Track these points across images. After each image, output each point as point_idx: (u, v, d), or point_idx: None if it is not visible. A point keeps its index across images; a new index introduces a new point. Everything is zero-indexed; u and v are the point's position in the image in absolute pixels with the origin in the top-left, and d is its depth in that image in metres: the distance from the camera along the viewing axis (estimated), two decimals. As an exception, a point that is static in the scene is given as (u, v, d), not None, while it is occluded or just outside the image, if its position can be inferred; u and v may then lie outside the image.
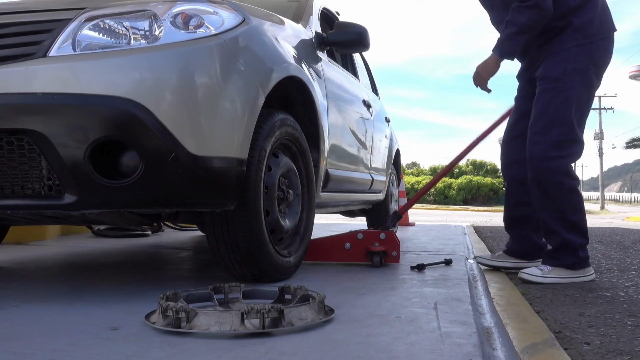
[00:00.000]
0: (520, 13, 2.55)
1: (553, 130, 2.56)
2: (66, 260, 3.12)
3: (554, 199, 2.61)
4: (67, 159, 1.74)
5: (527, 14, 2.54)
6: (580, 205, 2.67)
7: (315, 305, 1.62)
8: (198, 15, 2.00)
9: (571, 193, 2.61)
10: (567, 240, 2.62)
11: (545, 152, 2.56)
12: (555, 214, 2.63)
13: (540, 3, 2.52)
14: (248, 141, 2.07)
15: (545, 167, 2.57)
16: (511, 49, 2.67)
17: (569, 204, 2.62)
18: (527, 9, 2.53)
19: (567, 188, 2.60)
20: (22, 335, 1.46)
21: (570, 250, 2.64)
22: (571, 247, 2.63)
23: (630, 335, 1.70)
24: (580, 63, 2.58)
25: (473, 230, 6.83)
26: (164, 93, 1.82)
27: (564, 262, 2.64)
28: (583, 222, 2.69)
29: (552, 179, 2.58)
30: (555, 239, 2.66)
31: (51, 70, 1.78)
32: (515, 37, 2.61)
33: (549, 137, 2.57)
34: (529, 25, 2.57)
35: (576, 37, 2.57)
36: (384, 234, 2.96)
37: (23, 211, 1.91)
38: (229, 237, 2.15)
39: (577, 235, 2.64)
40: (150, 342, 1.40)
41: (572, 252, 2.64)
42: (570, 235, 2.62)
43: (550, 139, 2.56)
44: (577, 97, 2.60)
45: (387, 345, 1.38)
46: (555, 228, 2.63)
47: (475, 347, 1.37)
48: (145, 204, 1.87)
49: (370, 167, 4.23)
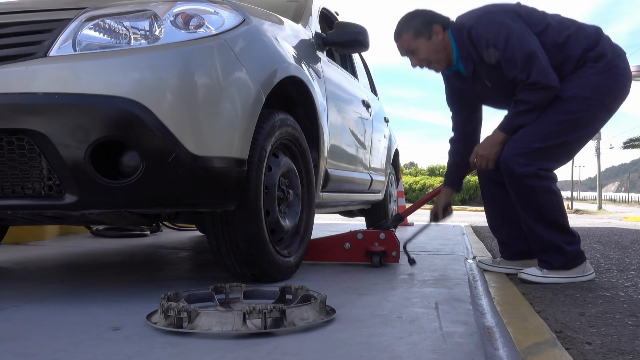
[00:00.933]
0: (530, 93, 2.52)
1: (532, 142, 2.53)
2: (65, 260, 3.12)
3: (529, 201, 2.58)
4: (68, 159, 1.74)
5: (537, 94, 2.51)
6: (558, 204, 2.63)
7: (316, 305, 1.62)
8: (198, 15, 2.00)
9: (544, 193, 2.56)
10: (549, 241, 2.59)
11: (514, 160, 2.53)
12: (533, 215, 2.60)
13: (548, 83, 2.48)
14: (248, 141, 2.07)
15: (513, 170, 2.54)
16: (519, 125, 2.62)
17: (544, 204, 2.58)
18: (536, 90, 2.50)
19: (540, 189, 2.55)
20: (24, 336, 1.46)
21: (555, 250, 2.60)
22: (556, 247, 2.59)
23: (631, 334, 1.70)
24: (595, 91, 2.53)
25: (471, 230, 6.83)
26: (164, 93, 1.82)
27: (555, 265, 2.62)
28: (563, 219, 2.64)
29: (524, 183, 2.55)
30: (538, 242, 2.63)
31: (52, 70, 1.77)
32: (526, 114, 2.57)
33: (524, 145, 2.54)
34: (541, 103, 2.54)
35: (596, 66, 2.53)
36: (384, 234, 2.96)
37: (23, 211, 1.91)
38: (230, 238, 2.15)
39: (559, 233, 2.60)
40: (152, 342, 1.40)
41: (559, 252, 2.60)
42: (552, 235, 2.59)
43: (526, 146, 2.53)
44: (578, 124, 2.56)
45: (389, 345, 1.38)
46: (536, 230, 2.61)
47: (477, 347, 1.37)
48: (145, 204, 1.87)
49: (370, 167, 4.23)
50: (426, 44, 2.65)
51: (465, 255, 3.63)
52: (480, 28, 2.54)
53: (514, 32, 2.49)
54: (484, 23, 2.55)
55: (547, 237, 2.59)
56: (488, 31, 2.53)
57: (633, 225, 11.55)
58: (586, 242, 5.68)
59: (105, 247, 3.79)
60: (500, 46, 2.49)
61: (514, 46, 2.48)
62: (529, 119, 2.58)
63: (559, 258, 2.61)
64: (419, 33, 2.65)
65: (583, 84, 2.53)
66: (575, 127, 2.58)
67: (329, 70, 3.20)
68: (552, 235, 2.59)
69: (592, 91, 2.53)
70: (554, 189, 2.61)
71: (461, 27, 2.61)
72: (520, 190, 2.58)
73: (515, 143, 2.57)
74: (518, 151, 2.54)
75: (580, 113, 2.55)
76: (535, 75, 2.47)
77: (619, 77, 2.59)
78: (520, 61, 2.47)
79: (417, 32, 2.65)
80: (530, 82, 2.48)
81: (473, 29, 2.55)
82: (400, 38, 2.71)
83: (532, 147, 2.53)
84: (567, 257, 2.61)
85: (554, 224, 2.60)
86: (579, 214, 26.25)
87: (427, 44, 2.65)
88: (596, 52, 2.54)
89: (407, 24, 2.69)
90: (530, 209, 2.60)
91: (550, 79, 2.49)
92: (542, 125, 2.55)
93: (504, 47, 2.48)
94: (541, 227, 2.59)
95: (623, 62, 2.60)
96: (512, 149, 2.57)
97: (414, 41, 2.67)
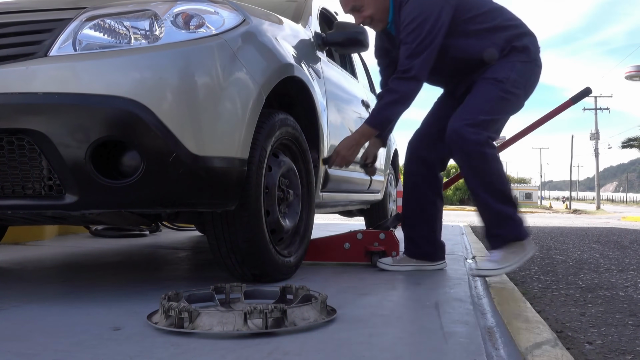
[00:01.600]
0: (401, 83, 2.51)
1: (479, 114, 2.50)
2: (65, 260, 3.12)
3: (482, 171, 2.52)
4: (68, 159, 1.73)
5: (407, 84, 2.51)
6: (504, 174, 2.59)
7: (317, 305, 1.61)
8: (199, 15, 2.00)
9: (495, 162, 2.52)
10: (499, 211, 2.52)
11: (465, 129, 2.48)
12: (482, 186, 2.53)
13: (419, 75, 2.50)
14: (249, 141, 2.07)
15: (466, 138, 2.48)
16: (388, 118, 2.62)
17: (496, 174, 2.52)
18: (407, 81, 2.50)
19: (491, 157, 2.50)
20: (25, 336, 1.46)
21: (507, 219, 2.53)
22: (506, 216, 2.52)
23: (631, 334, 1.71)
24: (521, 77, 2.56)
25: (470, 230, 6.83)
26: (165, 93, 1.82)
27: (510, 235, 2.53)
28: (510, 190, 2.59)
29: (477, 151, 2.48)
30: (489, 212, 2.55)
31: (52, 70, 1.77)
32: (395, 106, 2.56)
33: (471, 116, 2.50)
34: (408, 96, 2.54)
35: (522, 55, 2.56)
36: (384, 234, 2.96)
37: (24, 211, 1.91)
38: (230, 238, 2.15)
39: (507, 205, 2.53)
40: (153, 342, 1.39)
41: (510, 222, 2.53)
42: (501, 206, 2.52)
43: (473, 117, 2.49)
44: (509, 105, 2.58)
45: (391, 345, 1.38)
46: (489, 203, 2.53)
47: (478, 347, 1.37)
48: (146, 204, 1.87)
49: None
50: (371, 1, 2.58)
51: (465, 255, 3.63)
52: (409, 8, 2.51)
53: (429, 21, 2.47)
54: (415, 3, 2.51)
55: (501, 209, 2.52)
56: (413, 10, 2.50)
57: (632, 225, 11.56)
58: (585, 241, 5.69)
59: (105, 247, 3.78)
60: (410, 27, 2.48)
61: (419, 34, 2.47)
62: (397, 111, 2.58)
63: (511, 228, 2.53)
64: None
65: (512, 69, 2.53)
66: (509, 107, 2.59)
67: (329, 70, 3.20)
68: (504, 208, 2.52)
69: (520, 77, 2.55)
70: (500, 159, 2.58)
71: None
72: (472, 159, 2.51)
73: (462, 115, 2.53)
74: (467, 122, 2.49)
75: (513, 95, 2.56)
76: (417, 66, 2.47)
77: (539, 70, 2.62)
78: (413, 47, 2.47)
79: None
80: (407, 68, 2.48)
81: (404, 5, 2.53)
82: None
83: (479, 119, 2.49)
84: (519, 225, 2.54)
85: (504, 195, 2.54)
86: (578, 214, 26.28)
87: (372, 1, 2.58)
88: (522, 43, 2.56)
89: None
90: (483, 180, 2.53)
91: (424, 75, 2.51)
92: (483, 100, 2.54)
93: (412, 29, 2.47)
94: (494, 199, 2.52)
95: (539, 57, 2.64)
96: (460, 120, 2.51)
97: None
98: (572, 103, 3.17)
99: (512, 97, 2.56)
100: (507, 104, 2.57)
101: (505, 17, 2.59)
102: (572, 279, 2.96)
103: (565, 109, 3.17)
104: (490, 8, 2.59)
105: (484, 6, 2.59)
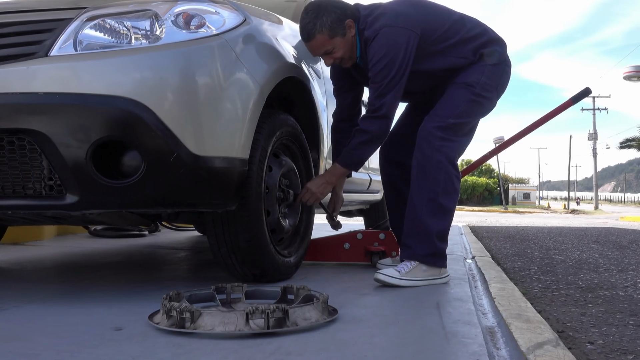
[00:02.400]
0: (371, 122, 2.46)
1: (448, 118, 2.47)
2: (64, 260, 3.11)
3: (429, 177, 2.43)
4: (69, 159, 1.73)
5: (378, 123, 2.45)
6: (454, 197, 2.49)
7: (319, 305, 1.61)
8: (199, 15, 1.99)
9: (447, 178, 2.44)
10: (424, 224, 2.41)
11: (434, 132, 2.44)
12: (426, 193, 2.43)
13: (389, 114, 2.45)
14: (249, 141, 2.07)
15: (430, 142, 2.44)
16: (360, 158, 2.55)
17: (444, 186, 2.44)
18: (378, 120, 2.44)
19: (445, 171, 2.44)
20: (26, 336, 1.46)
21: (425, 237, 2.41)
22: (427, 234, 2.41)
23: (632, 334, 1.71)
24: (492, 80, 2.54)
25: (469, 230, 6.84)
26: (166, 93, 1.81)
27: (417, 252, 2.40)
28: (450, 212, 2.50)
29: (434, 157, 2.42)
30: (413, 220, 2.45)
31: (53, 69, 1.77)
32: (366, 145, 2.51)
33: (441, 119, 2.47)
34: (379, 135, 2.50)
35: (491, 58, 2.53)
36: (384, 234, 2.96)
37: (24, 211, 1.90)
38: (230, 238, 2.15)
39: (438, 221, 2.44)
40: (155, 342, 1.39)
41: (427, 240, 2.41)
42: (430, 220, 2.41)
43: (443, 120, 2.46)
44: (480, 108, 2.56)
45: (393, 345, 1.38)
46: (418, 209, 2.43)
47: (480, 347, 1.37)
48: (147, 204, 1.87)
49: (368, 167, 4.23)
50: (342, 42, 2.46)
51: (464, 255, 3.63)
52: (375, 46, 2.41)
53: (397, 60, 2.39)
54: (381, 40, 2.40)
55: (425, 220, 2.41)
56: (380, 49, 2.40)
57: (630, 225, 11.57)
58: (584, 241, 5.69)
59: (104, 247, 3.78)
60: (378, 67, 2.40)
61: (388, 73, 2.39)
62: (369, 150, 2.54)
63: (424, 246, 2.41)
64: (335, 32, 2.43)
65: (482, 72, 2.52)
66: (480, 110, 2.58)
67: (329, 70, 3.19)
68: (430, 220, 2.42)
69: (491, 80, 2.54)
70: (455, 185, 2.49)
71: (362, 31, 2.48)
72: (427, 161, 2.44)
73: (433, 118, 2.49)
74: (437, 124, 2.46)
75: (484, 98, 2.54)
76: (387, 105, 2.41)
77: (509, 69, 2.61)
78: (382, 87, 2.40)
79: (332, 32, 2.43)
80: (377, 107, 2.42)
81: (370, 43, 2.43)
82: (314, 39, 2.44)
83: (448, 122, 2.47)
84: (435, 250, 2.42)
85: (441, 210, 2.44)
86: (576, 214, 26.31)
87: (342, 42, 2.46)
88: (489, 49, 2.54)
89: (319, 22, 2.41)
90: (426, 185, 2.44)
91: (393, 111, 2.47)
92: (453, 104, 2.51)
93: (380, 68, 2.40)
94: (427, 208, 2.42)
95: (508, 57, 2.62)
96: (431, 122, 2.48)
97: (329, 42, 2.44)
98: (572, 103, 3.17)
99: (483, 100, 2.54)
100: (478, 107, 2.55)
101: (467, 27, 2.53)
102: (572, 278, 2.96)
103: (566, 109, 3.17)
104: (452, 22, 2.52)
105: (446, 22, 2.51)
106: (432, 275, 2.39)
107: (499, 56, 2.55)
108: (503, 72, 2.58)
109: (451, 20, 2.52)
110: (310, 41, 2.46)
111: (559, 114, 3.19)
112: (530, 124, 3.15)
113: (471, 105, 2.52)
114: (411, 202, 2.48)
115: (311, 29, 2.42)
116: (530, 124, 3.15)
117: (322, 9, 2.43)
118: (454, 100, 2.51)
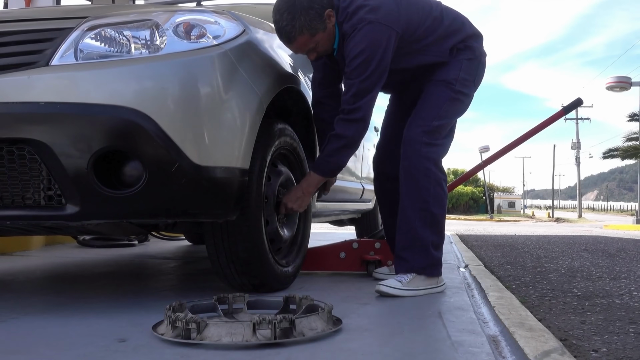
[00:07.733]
0: (347, 127, 2.38)
1: (432, 120, 2.45)
2: (55, 271, 3.07)
3: (419, 186, 2.40)
4: (70, 169, 1.72)
5: (355, 127, 2.38)
6: (444, 202, 2.47)
7: (324, 315, 1.61)
8: (200, 25, 1.99)
9: (437, 185, 2.42)
10: (419, 236, 2.38)
11: (420, 137, 2.41)
12: (417, 203, 2.40)
13: (366, 117, 2.38)
14: (250, 151, 2.06)
15: (416, 149, 2.41)
16: (337, 164, 2.46)
17: (434, 194, 2.41)
18: (354, 123, 2.37)
19: (434, 178, 2.42)
20: (29, 349, 1.43)
21: (421, 248, 2.39)
22: (423, 245, 2.39)
23: (635, 342, 1.72)
24: (469, 74, 2.53)
25: (459, 239, 6.86)
26: (167, 103, 1.81)
27: (415, 265, 2.37)
28: (442, 220, 2.48)
29: (421, 165, 2.40)
30: (407, 233, 2.42)
31: (53, 79, 1.76)
32: (342, 151, 2.43)
33: (425, 123, 2.44)
34: (356, 139, 2.43)
35: (467, 53, 2.53)
36: (379, 243, 2.96)
37: (23, 222, 1.88)
38: (229, 247, 2.14)
39: (432, 231, 2.42)
40: (162, 353, 1.38)
41: (424, 252, 2.38)
42: (424, 230, 2.39)
43: (427, 124, 2.43)
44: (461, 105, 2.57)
45: (404, 355, 1.38)
46: (411, 221, 2.40)
47: (489, 356, 1.38)
48: (148, 214, 1.85)
49: (361, 177, 4.24)
50: (324, 36, 2.35)
51: (457, 264, 3.64)
52: (353, 42, 2.32)
53: (376, 58, 2.31)
54: (360, 36, 2.31)
55: (420, 231, 2.39)
56: (358, 44, 2.31)
57: (614, 233, 11.68)
58: (574, 250, 5.73)
59: (94, 258, 3.74)
60: (355, 63, 2.32)
61: (364, 71, 2.31)
62: (346, 156, 2.46)
63: (421, 258, 2.39)
64: (316, 29, 2.31)
65: (460, 68, 2.50)
66: (460, 108, 2.57)
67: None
68: (424, 232, 2.39)
69: (469, 75, 2.53)
70: (444, 189, 2.48)
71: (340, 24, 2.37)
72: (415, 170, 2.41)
73: (417, 122, 2.46)
74: (421, 129, 2.43)
75: (463, 95, 2.53)
76: (364, 107, 2.35)
77: (484, 59, 2.60)
78: (358, 85, 2.33)
79: (313, 30, 2.30)
80: (353, 109, 2.35)
81: (347, 38, 2.34)
82: (295, 42, 2.33)
83: (433, 125, 2.44)
84: (432, 260, 2.41)
85: (434, 220, 2.42)
86: (560, 222, 26.51)
87: (325, 35, 2.35)
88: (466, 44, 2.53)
89: (297, 23, 2.27)
90: (416, 195, 2.41)
91: (370, 113, 2.41)
92: (435, 104, 2.48)
93: (357, 65, 2.31)
94: (418, 219, 2.40)
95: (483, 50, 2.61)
96: (415, 127, 2.45)
97: (312, 40, 2.33)
98: (564, 113, 3.21)
99: (463, 97, 2.54)
100: (459, 105, 2.55)
101: (446, 24, 2.49)
102: (567, 287, 2.97)
103: (558, 119, 3.21)
104: (432, 18, 2.46)
105: (427, 19, 2.45)
106: (430, 284, 2.40)
107: (474, 50, 2.54)
108: (479, 64, 2.57)
109: (432, 17, 2.46)
110: (292, 44, 2.35)
111: (552, 124, 3.22)
112: (522, 134, 3.18)
113: (453, 104, 2.51)
114: (403, 213, 2.44)
115: (290, 32, 2.29)
116: (523, 134, 3.18)
117: (297, 5, 2.27)
118: (435, 100, 2.49)
